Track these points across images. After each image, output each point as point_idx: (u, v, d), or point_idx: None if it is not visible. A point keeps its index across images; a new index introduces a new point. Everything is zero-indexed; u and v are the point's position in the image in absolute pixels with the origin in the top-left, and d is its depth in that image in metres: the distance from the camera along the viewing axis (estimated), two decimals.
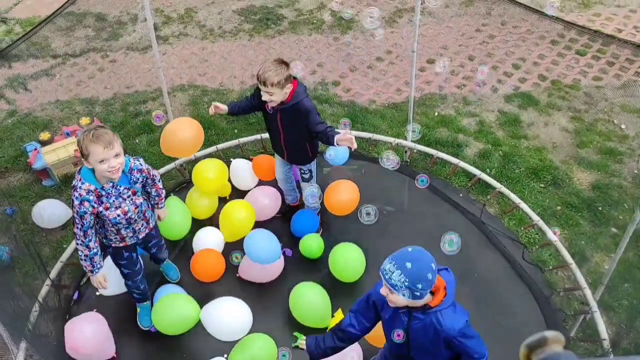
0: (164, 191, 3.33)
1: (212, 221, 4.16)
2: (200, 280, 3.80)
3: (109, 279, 3.16)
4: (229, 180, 4.39)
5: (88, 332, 3.27)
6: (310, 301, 3.47)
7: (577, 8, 6.78)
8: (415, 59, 4.33)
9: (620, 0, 6.87)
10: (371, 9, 3.37)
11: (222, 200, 4.33)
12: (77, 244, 2.95)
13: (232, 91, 5.68)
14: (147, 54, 6.12)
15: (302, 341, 2.72)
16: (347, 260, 3.75)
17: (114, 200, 2.90)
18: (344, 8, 3.65)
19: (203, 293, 3.69)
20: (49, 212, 4.25)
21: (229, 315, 3.31)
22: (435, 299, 2.34)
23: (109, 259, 3.44)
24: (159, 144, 5.00)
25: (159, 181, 3.25)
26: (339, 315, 3.59)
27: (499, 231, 4.16)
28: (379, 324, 2.64)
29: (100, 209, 2.87)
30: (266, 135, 4.67)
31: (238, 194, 4.38)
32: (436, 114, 5.35)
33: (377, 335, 2.88)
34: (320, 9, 6.80)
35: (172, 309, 3.29)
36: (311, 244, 3.93)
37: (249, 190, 4.32)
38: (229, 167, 4.41)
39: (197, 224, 4.09)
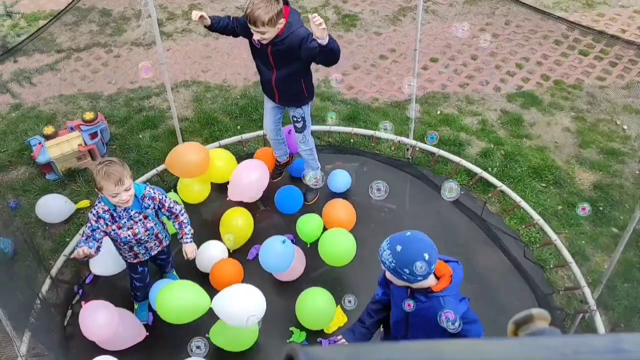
0: (188, 226, 3.30)
1: (214, 234, 4.08)
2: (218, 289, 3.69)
3: (103, 260, 3.35)
4: None
5: (101, 320, 3.31)
6: (317, 307, 3.44)
7: (581, 8, 6.78)
8: (418, 57, 4.34)
9: (625, 1, 6.87)
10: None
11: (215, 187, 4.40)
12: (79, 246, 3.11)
13: (235, 87, 5.69)
14: (151, 49, 6.14)
15: (343, 341, 2.74)
16: (337, 244, 3.69)
17: (125, 222, 3.14)
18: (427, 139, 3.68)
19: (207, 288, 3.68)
20: (53, 206, 4.29)
21: (241, 302, 3.21)
22: (439, 285, 2.34)
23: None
24: (162, 139, 5.04)
25: (182, 214, 3.27)
26: (339, 313, 3.61)
27: (500, 229, 4.17)
28: None
29: (114, 227, 3.13)
30: None
31: None
32: (439, 112, 5.36)
33: None
34: (324, 7, 6.81)
35: (181, 298, 3.20)
36: (308, 228, 3.81)
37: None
38: None
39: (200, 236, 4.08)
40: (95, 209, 3.12)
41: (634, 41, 4.84)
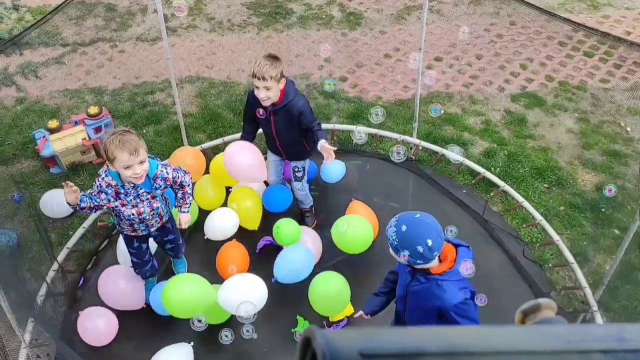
0: (191, 197, 3.27)
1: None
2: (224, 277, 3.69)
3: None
4: None
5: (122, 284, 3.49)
6: (329, 292, 3.39)
7: (586, 10, 6.77)
8: (423, 57, 4.34)
9: (630, 3, 6.86)
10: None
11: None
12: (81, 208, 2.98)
13: (239, 84, 5.71)
14: (155, 45, 6.16)
15: (359, 314, 2.78)
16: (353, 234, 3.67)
17: (131, 199, 2.96)
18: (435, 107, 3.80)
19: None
20: (57, 202, 4.30)
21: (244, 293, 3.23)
22: (439, 267, 2.32)
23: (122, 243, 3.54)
24: (166, 135, 5.06)
25: (189, 185, 3.20)
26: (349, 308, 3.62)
27: (500, 228, 4.18)
28: None
29: (117, 204, 2.95)
30: None
31: None
32: (442, 111, 5.37)
33: None
34: (329, 4, 6.81)
35: (188, 293, 3.18)
36: (285, 231, 3.69)
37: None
38: None
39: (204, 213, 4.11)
40: (99, 181, 2.88)
41: (639, 43, 4.84)
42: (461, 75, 5.83)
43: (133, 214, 3.02)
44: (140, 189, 2.94)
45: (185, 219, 3.30)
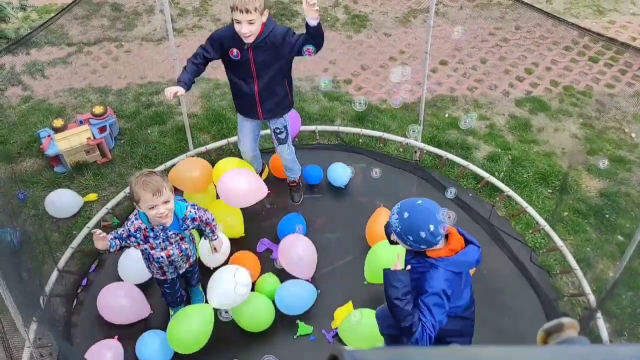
0: (216, 225, 3.30)
1: None
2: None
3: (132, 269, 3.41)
4: None
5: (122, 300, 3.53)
6: (363, 330, 3.33)
7: (592, 15, 6.77)
8: (428, 60, 4.34)
9: (636, 9, 6.86)
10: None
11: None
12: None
13: None
14: (161, 45, 6.16)
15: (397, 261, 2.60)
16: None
17: (160, 242, 3.04)
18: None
19: None
20: (61, 201, 4.32)
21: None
22: (436, 252, 2.37)
23: (129, 251, 3.56)
24: (170, 135, 5.07)
25: (213, 220, 3.24)
26: (351, 308, 3.62)
27: (507, 233, 4.17)
28: None
29: (146, 246, 3.04)
30: None
31: None
32: (446, 115, 5.37)
33: None
34: (334, 7, 6.82)
35: (191, 327, 3.22)
36: (266, 287, 3.65)
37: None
38: None
39: None
40: (128, 225, 2.96)
41: None
42: (466, 78, 5.83)
43: (162, 257, 3.09)
44: (169, 231, 3.00)
45: (218, 244, 3.37)
